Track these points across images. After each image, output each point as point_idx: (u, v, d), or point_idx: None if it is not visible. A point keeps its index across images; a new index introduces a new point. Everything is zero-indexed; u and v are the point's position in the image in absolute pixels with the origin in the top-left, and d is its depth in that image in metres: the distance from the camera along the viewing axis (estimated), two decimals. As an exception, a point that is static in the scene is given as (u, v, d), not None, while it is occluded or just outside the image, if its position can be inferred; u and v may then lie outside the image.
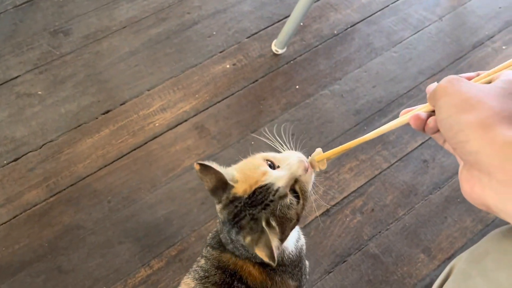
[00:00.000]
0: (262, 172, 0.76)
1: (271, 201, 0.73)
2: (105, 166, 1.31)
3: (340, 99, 1.47)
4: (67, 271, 1.15)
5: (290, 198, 0.75)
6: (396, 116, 0.66)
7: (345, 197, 1.30)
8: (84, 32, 1.54)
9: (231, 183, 0.76)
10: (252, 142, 1.38)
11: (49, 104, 1.40)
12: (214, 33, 1.57)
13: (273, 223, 0.73)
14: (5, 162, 1.29)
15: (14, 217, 1.21)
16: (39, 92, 1.41)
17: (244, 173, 0.78)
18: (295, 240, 0.88)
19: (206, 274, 0.80)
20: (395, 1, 1.71)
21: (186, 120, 1.41)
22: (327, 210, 1.28)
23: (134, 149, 1.34)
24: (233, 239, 0.77)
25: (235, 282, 0.79)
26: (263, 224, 0.72)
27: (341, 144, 1.39)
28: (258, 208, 0.73)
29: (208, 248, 0.85)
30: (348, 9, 1.67)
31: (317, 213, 1.27)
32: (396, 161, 1.36)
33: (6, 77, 1.43)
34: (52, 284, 1.13)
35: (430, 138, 1.40)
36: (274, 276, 0.82)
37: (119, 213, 1.24)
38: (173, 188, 1.29)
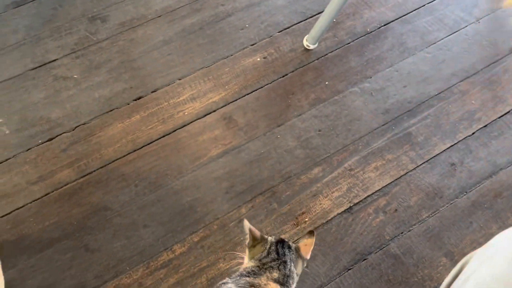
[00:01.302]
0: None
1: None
2: (134, 151, 1.34)
3: (370, 97, 1.46)
4: (93, 250, 1.19)
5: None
6: (426, 118, 0.66)
7: (368, 196, 1.29)
8: (121, 19, 1.58)
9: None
10: (278, 136, 1.38)
11: (84, 88, 1.44)
12: (247, 25, 1.58)
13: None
14: (40, 141, 1.34)
15: (46, 195, 1.26)
16: (75, 76, 1.46)
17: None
18: None
19: None
20: (432, 1, 1.68)
21: (214, 111, 1.42)
22: (350, 208, 1.27)
23: (163, 136, 1.37)
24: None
25: None
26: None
27: (368, 143, 1.39)
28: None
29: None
30: (383, 7, 1.65)
31: (339, 210, 1.27)
32: (423, 163, 1.34)
33: (45, 60, 1.48)
34: (78, 261, 1.17)
35: (459, 141, 1.38)
36: None
37: (145, 197, 1.27)
38: (198, 176, 1.31)
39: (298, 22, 1.60)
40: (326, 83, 1.48)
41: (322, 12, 1.58)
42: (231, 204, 1.27)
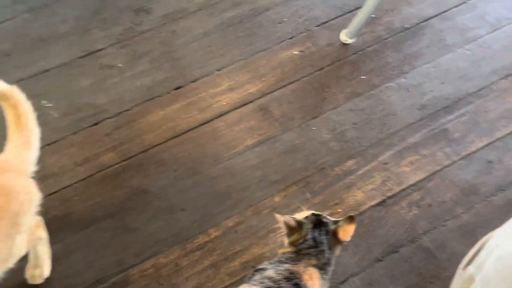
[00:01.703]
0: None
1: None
2: (174, 137, 1.39)
3: (406, 92, 1.46)
4: (133, 230, 1.25)
5: None
6: (463, 115, 0.67)
7: (402, 190, 1.30)
8: (163, 12, 1.64)
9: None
10: (313, 128, 1.41)
11: (128, 77, 1.50)
12: (285, 19, 1.61)
13: None
14: (85, 125, 1.41)
15: (90, 176, 1.33)
16: (120, 65, 1.53)
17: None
18: None
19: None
20: (473, -2, 1.66)
21: (251, 101, 1.46)
22: (383, 201, 1.28)
23: (201, 125, 1.42)
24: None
25: None
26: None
27: (403, 138, 1.39)
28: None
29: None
30: (422, 4, 1.65)
31: (372, 203, 1.28)
32: (459, 159, 1.34)
33: (92, 48, 1.55)
34: (118, 240, 1.24)
35: (497, 139, 1.37)
36: None
37: (183, 182, 1.32)
38: (234, 164, 1.35)
39: (336, 17, 1.62)
40: (362, 77, 1.49)
41: (360, 7, 1.59)
42: (265, 192, 1.31)
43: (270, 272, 0.87)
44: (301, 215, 1.01)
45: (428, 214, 1.26)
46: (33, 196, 1.03)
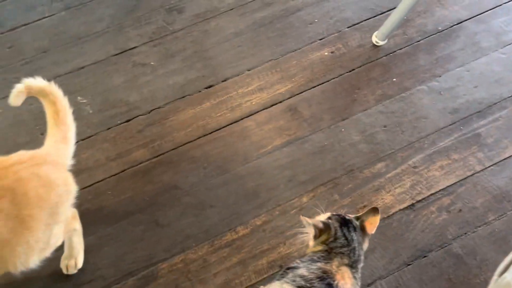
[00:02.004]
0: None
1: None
2: (204, 135, 1.41)
3: (438, 96, 1.45)
4: (163, 225, 1.28)
5: None
6: (497, 119, 0.66)
7: (432, 194, 1.29)
8: (195, 11, 1.66)
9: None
10: (342, 129, 1.41)
11: (160, 75, 1.53)
12: (316, 20, 1.61)
13: None
14: (118, 122, 1.45)
15: (122, 171, 1.36)
16: (152, 63, 1.56)
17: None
18: None
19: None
20: (509, 1, 1.63)
21: (280, 102, 1.47)
22: (412, 205, 1.28)
23: (231, 123, 1.44)
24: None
25: None
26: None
27: (434, 141, 1.38)
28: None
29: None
30: (456, 6, 1.62)
31: (401, 206, 1.27)
32: (491, 165, 1.32)
33: (125, 47, 1.59)
34: (149, 234, 1.26)
35: (532, 145, 1.34)
36: None
37: (212, 179, 1.34)
38: (262, 164, 1.36)
39: (368, 19, 1.61)
40: (394, 80, 1.48)
41: (392, 9, 1.58)
42: (293, 192, 1.31)
43: (303, 271, 0.88)
44: (321, 218, 1.02)
45: (458, 219, 1.25)
46: (71, 188, 1.07)
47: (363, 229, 0.99)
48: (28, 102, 1.48)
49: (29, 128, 1.42)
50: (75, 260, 1.18)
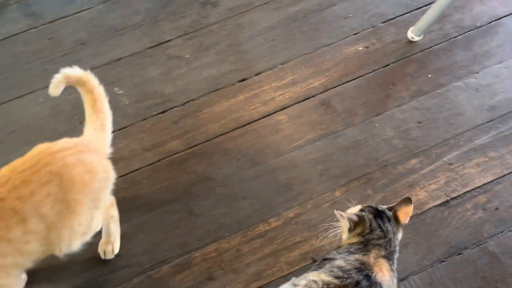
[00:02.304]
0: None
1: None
2: (237, 128, 1.43)
3: (475, 92, 1.43)
4: (197, 215, 1.30)
5: None
6: None
7: (467, 191, 1.27)
8: (230, 5, 1.67)
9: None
10: (376, 125, 1.40)
11: (194, 67, 1.55)
12: (351, 15, 1.61)
13: None
14: (154, 113, 1.47)
15: (158, 161, 1.39)
16: (186, 56, 1.58)
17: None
18: None
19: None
20: (550, -3, 1.59)
21: (314, 96, 1.47)
22: (447, 201, 1.26)
23: (264, 117, 1.45)
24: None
25: None
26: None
27: (470, 138, 1.36)
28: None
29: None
30: (495, 1, 1.59)
31: (435, 203, 1.26)
32: (529, 164, 1.29)
33: (160, 40, 1.62)
34: (183, 223, 1.29)
35: None
36: None
37: (245, 171, 1.35)
38: (295, 157, 1.37)
39: (403, 14, 1.59)
40: (429, 75, 1.47)
41: (429, 4, 1.57)
42: (326, 186, 1.32)
43: (340, 262, 0.89)
44: (353, 210, 1.03)
45: (495, 218, 1.23)
46: (110, 175, 1.11)
47: (396, 219, 1.00)
48: (67, 92, 1.52)
49: (67, 118, 1.47)
50: (112, 245, 1.22)
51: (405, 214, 0.99)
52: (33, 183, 0.97)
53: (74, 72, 1.13)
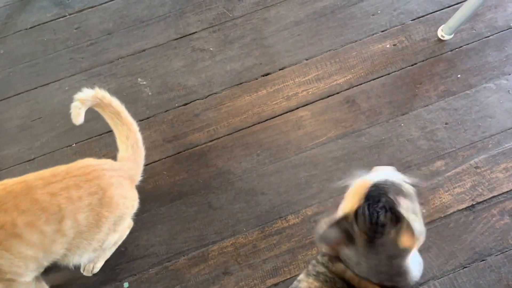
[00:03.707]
0: (365, 182, 0.81)
1: (386, 190, 0.78)
2: (259, 123, 1.42)
3: (506, 95, 1.38)
4: (215, 208, 1.30)
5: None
6: None
7: (494, 196, 1.23)
8: (256, -1, 1.66)
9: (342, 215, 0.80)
10: (402, 124, 1.37)
11: (218, 61, 1.55)
12: (379, 12, 1.57)
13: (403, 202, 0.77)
14: (176, 105, 1.48)
15: (178, 153, 1.39)
16: (211, 49, 1.57)
17: (349, 199, 0.83)
18: (419, 274, 0.86)
19: (333, 281, 0.84)
20: None
21: (338, 93, 1.45)
22: (472, 206, 1.23)
23: (286, 112, 1.43)
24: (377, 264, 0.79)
25: None
26: (399, 208, 0.76)
27: (499, 142, 1.31)
28: (382, 200, 0.77)
29: (328, 258, 0.88)
30: (531, 1, 1.53)
31: (460, 207, 1.23)
32: (561, 170, 1.24)
33: (185, 32, 1.62)
34: (202, 216, 1.29)
35: None
36: None
37: (265, 166, 1.34)
38: (317, 154, 1.35)
39: (433, 12, 1.55)
40: (458, 76, 1.42)
41: (460, 2, 1.52)
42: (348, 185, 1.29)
43: None
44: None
45: (522, 225, 1.19)
46: (136, 204, 1.18)
47: None
48: (92, 81, 1.54)
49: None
50: (94, 265, 1.22)
51: None
52: (83, 189, 1.03)
53: (87, 93, 1.15)
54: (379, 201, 0.78)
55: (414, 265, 0.83)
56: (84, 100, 1.13)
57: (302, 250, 1.22)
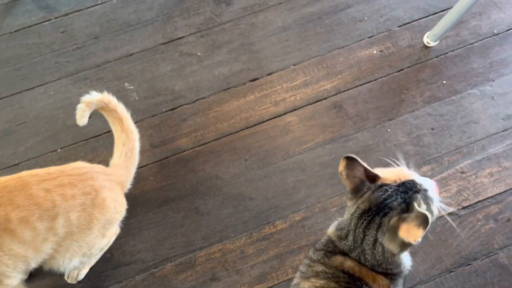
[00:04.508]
0: (407, 173, 0.87)
1: (419, 190, 0.83)
2: (247, 128, 1.41)
3: (490, 101, 1.40)
4: (203, 213, 1.29)
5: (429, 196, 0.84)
6: None
7: (479, 201, 1.24)
8: (244, 4, 1.66)
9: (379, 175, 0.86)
10: (389, 130, 1.38)
11: (206, 65, 1.54)
12: (366, 18, 1.58)
13: (423, 207, 0.81)
14: (163, 110, 1.47)
15: (166, 158, 1.38)
16: (198, 53, 1.57)
17: (388, 173, 0.88)
18: (411, 262, 0.92)
19: (334, 276, 0.86)
20: None
21: (325, 98, 1.45)
22: (458, 210, 1.24)
23: (274, 117, 1.43)
24: (363, 242, 0.84)
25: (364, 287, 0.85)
26: (416, 205, 0.81)
27: (484, 147, 1.33)
28: (409, 193, 0.82)
29: (324, 253, 0.90)
30: (514, 9, 1.56)
31: (446, 212, 1.24)
32: (544, 175, 1.26)
33: (173, 36, 1.61)
34: (189, 221, 1.28)
35: None
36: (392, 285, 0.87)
37: (253, 172, 1.34)
38: (304, 159, 1.35)
39: (419, 19, 1.57)
40: (444, 82, 1.44)
41: (445, 9, 1.55)
42: (335, 190, 1.30)
43: None
44: None
45: (506, 229, 1.20)
46: (124, 210, 1.17)
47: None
48: (77, 86, 1.53)
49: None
50: (78, 272, 1.20)
51: None
52: (77, 188, 1.03)
53: (93, 96, 1.16)
54: (406, 192, 0.82)
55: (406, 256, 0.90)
56: (89, 103, 1.14)
57: (290, 255, 1.21)
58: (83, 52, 1.58)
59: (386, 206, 0.82)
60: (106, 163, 1.22)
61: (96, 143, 1.40)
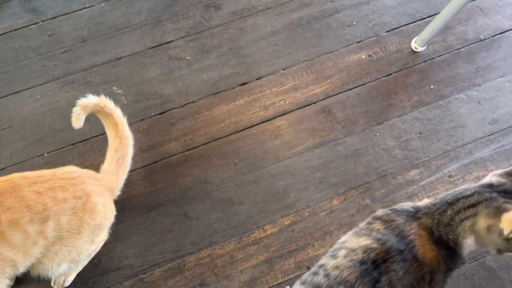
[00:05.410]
0: None
1: None
2: (236, 132, 1.41)
3: (477, 105, 1.42)
4: (192, 218, 1.28)
5: None
6: None
7: (467, 205, 1.25)
8: (233, 9, 1.66)
9: None
10: (377, 134, 1.39)
11: (195, 70, 1.54)
12: (354, 23, 1.60)
13: None
14: (152, 114, 1.46)
15: (154, 163, 1.37)
16: (188, 58, 1.56)
17: None
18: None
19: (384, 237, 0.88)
20: (554, 13, 1.58)
21: (315, 103, 1.46)
22: (445, 214, 1.25)
23: (263, 122, 1.43)
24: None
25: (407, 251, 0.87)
26: None
27: (471, 151, 1.34)
28: None
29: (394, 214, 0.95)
30: (499, 15, 1.59)
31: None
32: (530, 179, 1.28)
33: (162, 40, 1.60)
34: (178, 226, 1.27)
35: None
36: (442, 261, 0.88)
37: (243, 176, 1.33)
38: (294, 164, 1.35)
39: (407, 24, 1.59)
40: (431, 86, 1.46)
41: (433, 15, 1.56)
42: (324, 194, 1.30)
43: None
44: None
45: (493, 232, 1.21)
46: (113, 216, 1.16)
47: None
48: (65, 89, 1.51)
49: (65, 115, 1.44)
50: (65, 278, 1.18)
51: None
52: (68, 192, 1.02)
53: (89, 100, 1.15)
54: None
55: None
56: (85, 106, 1.13)
57: (279, 260, 1.21)
58: (71, 55, 1.57)
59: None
60: (93, 167, 1.20)
61: (83, 148, 1.38)
